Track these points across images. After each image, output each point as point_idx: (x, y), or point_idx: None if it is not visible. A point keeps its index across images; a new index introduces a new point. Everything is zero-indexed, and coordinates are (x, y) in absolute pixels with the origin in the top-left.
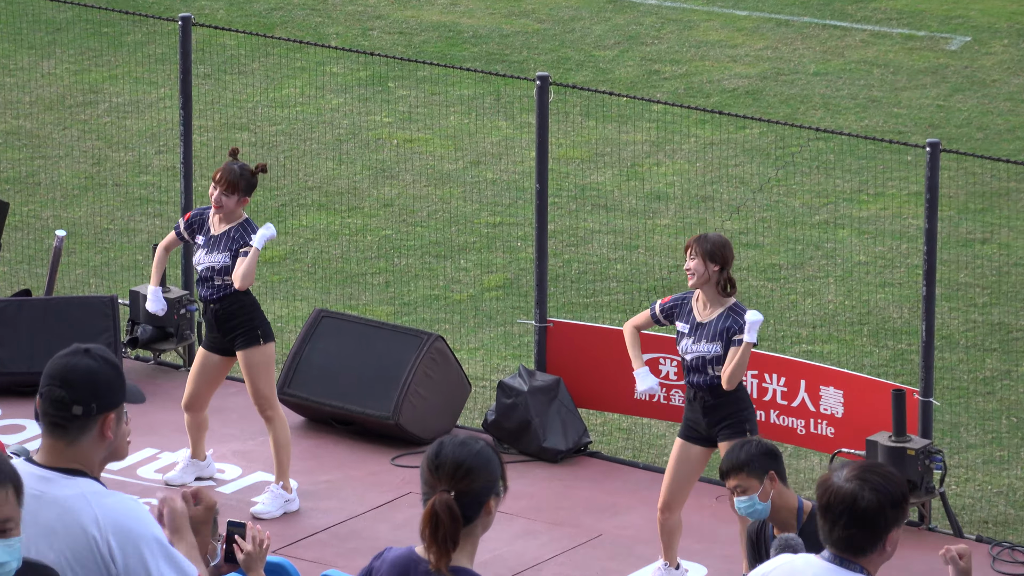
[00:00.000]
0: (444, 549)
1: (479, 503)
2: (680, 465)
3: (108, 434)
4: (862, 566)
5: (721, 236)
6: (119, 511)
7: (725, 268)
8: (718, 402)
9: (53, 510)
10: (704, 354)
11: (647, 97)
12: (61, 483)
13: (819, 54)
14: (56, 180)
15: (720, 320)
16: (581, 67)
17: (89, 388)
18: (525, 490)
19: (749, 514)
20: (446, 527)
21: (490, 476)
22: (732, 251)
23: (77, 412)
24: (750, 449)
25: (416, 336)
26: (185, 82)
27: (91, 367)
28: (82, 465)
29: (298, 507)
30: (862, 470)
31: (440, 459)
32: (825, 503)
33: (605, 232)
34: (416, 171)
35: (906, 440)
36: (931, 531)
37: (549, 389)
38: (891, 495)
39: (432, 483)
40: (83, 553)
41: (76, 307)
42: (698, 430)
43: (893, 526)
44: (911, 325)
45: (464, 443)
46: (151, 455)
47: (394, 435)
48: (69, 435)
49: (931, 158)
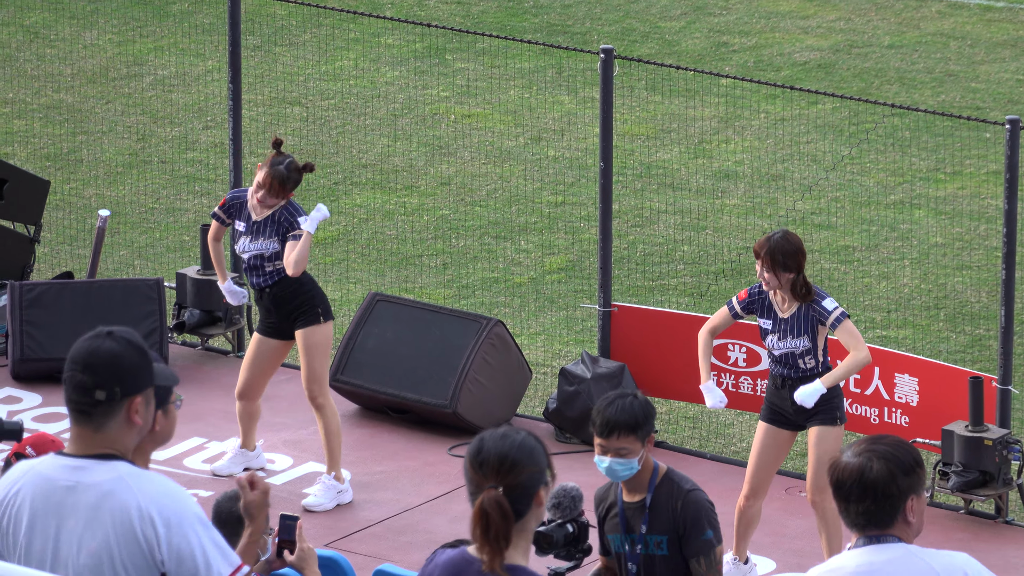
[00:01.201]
0: (497, 548)
1: (528, 495)
2: (766, 449)
3: (136, 419)
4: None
5: (790, 240)
6: (161, 492)
7: (800, 273)
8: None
9: (91, 496)
10: (793, 349)
11: (715, 71)
12: (96, 469)
13: (894, 26)
14: (99, 157)
15: (802, 312)
16: (646, 39)
17: (112, 372)
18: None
19: (620, 477)
20: (497, 525)
21: (536, 466)
22: (804, 253)
23: (100, 397)
24: (644, 409)
25: (475, 321)
26: (234, 54)
27: (113, 350)
28: (113, 451)
29: (351, 498)
30: (868, 443)
31: (483, 455)
32: (836, 482)
33: (671, 212)
34: (475, 148)
35: (983, 430)
36: (1008, 524)
37: (613, 376)
38: (900, 462)
39: (478, 481)
40: (127, 537)
41: (120, 290)
42: (784, 414)
43: (910, 494)
44: (989, 310)
45: (505, 435)
46: (198, 444)
47: (451, 424)
48: (95, 421)
49: (1011, 135)
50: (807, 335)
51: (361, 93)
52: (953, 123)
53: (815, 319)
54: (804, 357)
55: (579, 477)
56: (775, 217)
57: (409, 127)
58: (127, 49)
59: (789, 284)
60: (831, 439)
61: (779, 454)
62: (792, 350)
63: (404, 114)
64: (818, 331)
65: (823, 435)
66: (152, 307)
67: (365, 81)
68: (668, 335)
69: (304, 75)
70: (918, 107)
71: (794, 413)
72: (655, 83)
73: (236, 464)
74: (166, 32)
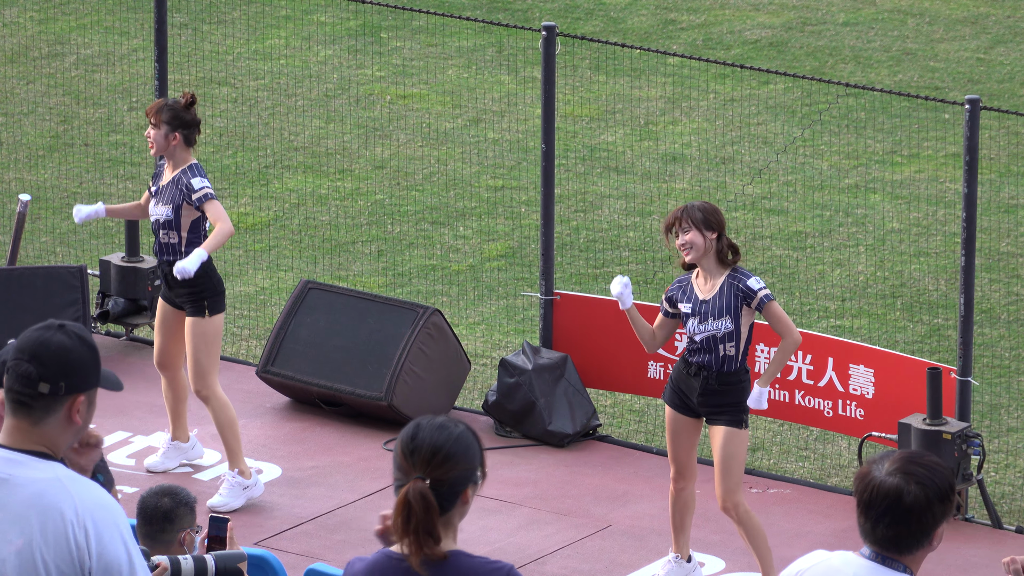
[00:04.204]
0: (418, 541)
1: (455, 493)
2: (676, 433)
3: (76, 418)
4: (905, 564)
5: (706, 201)
6: (97, 501)
7: (723, 234)
8: (722, 388)
9: (22, 493)
10: (714, 332)
11: (662, 49)
12: (31, 465)
13: (849, 2)
14: (19, 140)
15: (723, 292)
16: (590, 16)
17: (59, 366)
18: (529, 477)
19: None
20: (419, 517)
21: (469, 464)
22: (723, 215)
23: (43, 390)
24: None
25: (411, 310)
26: (160, 32)
27: (64, 344)
28: (48, 448)
29: (262, 492)
30: (905, 462)
31: (416, 443)
32: (867, 500)
33: (616, 197)
34: (411, 130)
35: (942, 423)
36: (967, 521)
37: (555, 367)
38: (938, 488)
39: (406, 468)
40: (57, 539)
41: (41, 278)
42: (686, 402)
43: (941, 520)
44: (948, 298)
45: (443, 426)
46: (123, 439)
47: (387, 417)
48: (34, 415)
49: (970, 116)
50: (730, 316)
51: (293, 73)
52: (911, 103)
53: (739, 298)
54: (726, 343)
55: (520, 472)
56: (724, 202)
57: (343, 108)
58: (49, 27)
59: (713, 248)
60: (738, 443)
61: (690, 436)
62: (713, 332)
63: (337, 95)
64: (742, 313)
65: (730, 438)
66: (75, 295)
67: (297, 60)
68: (613, 324)
69: (233, 54)
70: (874, 87)
71: (698, 404)
72: (599, 62)
73: (171, 459)
74: (89, 10)
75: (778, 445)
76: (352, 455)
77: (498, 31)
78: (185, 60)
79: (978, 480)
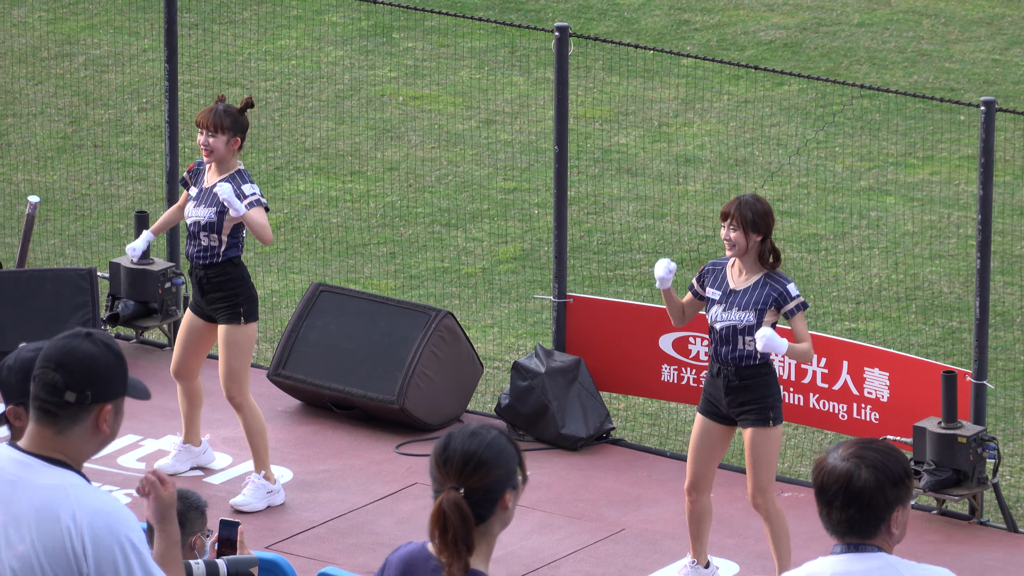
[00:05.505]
0: (456, 552)
1: (493, 499)
2: (702, 441)
3: (104, 427)
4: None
5: (762, 201)
6: (99, 510)
7: (768, 238)
8: (743, 383)
9: (29, 498)
10: (736, 323)
11: (676, 50)
12: (41, 471)
13: (864, 3)
14: (29, 141)
15: (756, 288)
16: (604, 17)
17: (86, 374)
18: (542, 481)
19: None
20: (455, 528)
21: (505, 468)
22: (774, 218)
23: (70, 399)
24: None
25: (423, 312)
26: (170, 32)
27: (91, 352)
28: (68, 457)
29: (283, 500)
30: (858, 447)
31: (448, 453)
32: (819, 484)
33: (630, 199)
34: (423, 131)
35: (957, 426)
36: (983, 525)
37: (568, 371)
38: (890, 472)
39: (440, 479)
40: (55, 548)
41: (50, 280)
42: (718, 407)
43: (896, 506)
44: (963, 301)
45: (475, 433)
46: (133, 442)
47: (399, 420)
48: (59, 423)
49: (986, 118)
50: (754, 311)
51: (304, 74)
52: (926, 105)
53: (772, 298)
54: (745, 336)
55: (532, 476)
56: None
57: (354, 109)
58: (58, 27)
59: (756, 249)
60: (769, 441)
61: (715, 447)
62: (735, 323)
63: (349, 96)
64: (768, 312)
65: (759, 437)
66: (84, 298)
67: (308, 61)
68: (626, 327)
69: (244, 55)
70: (889, 88)
71: (727, 405)
72: (613, 63)
73: (182, 462)
74: (99, 9)
75: (792, 448)
76: (364, 458)
77: (511, 32)
78: (195, 61)
79: (993, 484)
